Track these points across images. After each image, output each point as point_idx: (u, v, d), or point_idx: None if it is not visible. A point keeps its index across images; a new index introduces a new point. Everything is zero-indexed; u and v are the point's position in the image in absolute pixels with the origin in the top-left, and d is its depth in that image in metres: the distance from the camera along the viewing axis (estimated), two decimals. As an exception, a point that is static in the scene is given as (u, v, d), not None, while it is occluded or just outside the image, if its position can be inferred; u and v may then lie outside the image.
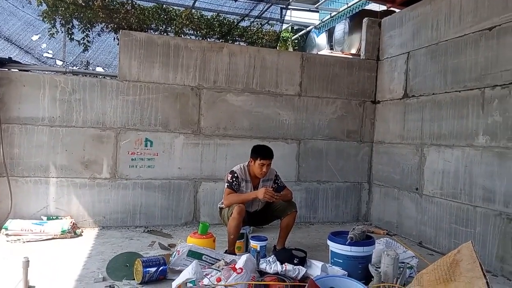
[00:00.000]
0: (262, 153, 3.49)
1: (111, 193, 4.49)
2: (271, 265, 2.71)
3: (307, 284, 2.32)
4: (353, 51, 7.88)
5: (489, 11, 3.71)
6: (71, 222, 4.11)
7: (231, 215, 3.34)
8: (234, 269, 2.70)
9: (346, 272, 2.81)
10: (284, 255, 2.79)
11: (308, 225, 5.09)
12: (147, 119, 4.59)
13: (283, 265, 2.71)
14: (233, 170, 3.57)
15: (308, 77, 5.14)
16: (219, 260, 3.10)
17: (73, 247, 3.69)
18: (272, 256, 2.81)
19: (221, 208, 3.65)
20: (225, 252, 3.40)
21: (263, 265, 2.74)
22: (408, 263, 3.08)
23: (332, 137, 5.25)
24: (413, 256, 3.20)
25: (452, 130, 4.08)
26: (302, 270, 2.70)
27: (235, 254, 3.37)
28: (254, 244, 3.24)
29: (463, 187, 3.89)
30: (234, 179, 3.50)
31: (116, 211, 4.51)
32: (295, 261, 2.74)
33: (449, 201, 4.06)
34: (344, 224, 5.26)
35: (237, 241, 3.54)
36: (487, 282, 1.84)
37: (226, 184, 3.53)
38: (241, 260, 2.70)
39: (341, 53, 7.60)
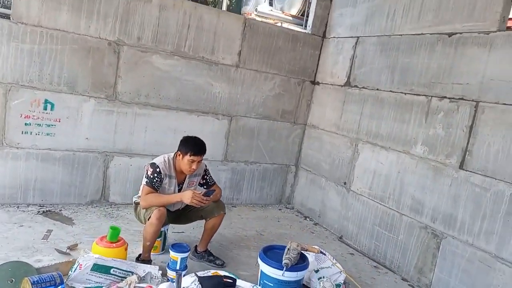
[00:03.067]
0: (194, 148, 2.92)
1: (-3, 163, 3.64)
2: (194, 296, 2.33)
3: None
4: (294, 11, 7.33)
5: (452, 15, 3.45)
6: None
7: (148, 219, 2.83)
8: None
9: (276, 299, 2.56)
10: (211, 284, 2.42)
11: (230, 207, 4.77)
12: (48, 75, 3.68)
13: (208, 296, 2.35)
14: (155, 163, 2.98)
15: (248, 47, 4.56)
16: (131, 274, 2.64)
17: None
18: (197, 284, 2.41)
19: (136, 203, 3.10)
20: (137, 258, 2.93)
21: (185, 296, 2.35)
22: (335, 280, 2.95)
23: (266, 116, 4.83)
24: (340, 272, 3.07)
25: (391, 132, 3.93)
26: (229, 302, 2.37)
27: (150, 261, 2.92)
28: (174, 255, 2.80)
29: (393, 192, 3.84)
30: (155, 174, 2.93)
31: (3, 185, 3.69)
32: (222, 291, 2.39)
33: (376, 203, 4.01)
34: (267, 206, 5.07)
35: (153, 240, 3.09)
36: None
37: (145, 180, 2.95)
38: (159, 291, 2.28)
39: (281, 12, 7.02)
